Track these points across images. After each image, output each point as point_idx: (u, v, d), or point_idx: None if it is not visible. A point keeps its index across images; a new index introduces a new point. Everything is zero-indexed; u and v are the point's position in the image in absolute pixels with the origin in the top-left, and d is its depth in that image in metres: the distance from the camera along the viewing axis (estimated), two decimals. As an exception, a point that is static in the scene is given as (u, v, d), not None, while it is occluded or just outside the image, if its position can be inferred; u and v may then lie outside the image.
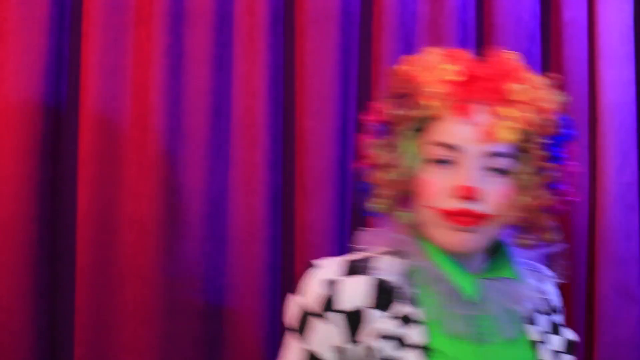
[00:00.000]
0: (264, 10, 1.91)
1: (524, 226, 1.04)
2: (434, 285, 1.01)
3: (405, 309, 0.99)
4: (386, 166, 1.04)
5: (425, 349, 0.97)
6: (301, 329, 1.01)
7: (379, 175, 1.05)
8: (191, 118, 1.94)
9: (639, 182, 2.00)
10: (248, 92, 1.93)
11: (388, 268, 1.01)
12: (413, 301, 1.00)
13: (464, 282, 1.01)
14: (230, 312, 2.02)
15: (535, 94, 1.00)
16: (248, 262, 2.01)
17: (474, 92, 0.99)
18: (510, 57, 1.03)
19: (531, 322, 1.06)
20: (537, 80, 1.02)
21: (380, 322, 0.98)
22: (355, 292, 0.99)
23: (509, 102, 0.98)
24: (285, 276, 2.04)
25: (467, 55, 1.05)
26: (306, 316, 1.01)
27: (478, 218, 0.98)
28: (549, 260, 1.08)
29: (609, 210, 1.96)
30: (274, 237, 2.00)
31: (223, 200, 1.98)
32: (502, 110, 0.98)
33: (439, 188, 0.99)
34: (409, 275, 1.01)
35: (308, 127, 1.91)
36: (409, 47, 1.90)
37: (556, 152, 1.02)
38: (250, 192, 1.96)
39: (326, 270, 1.01)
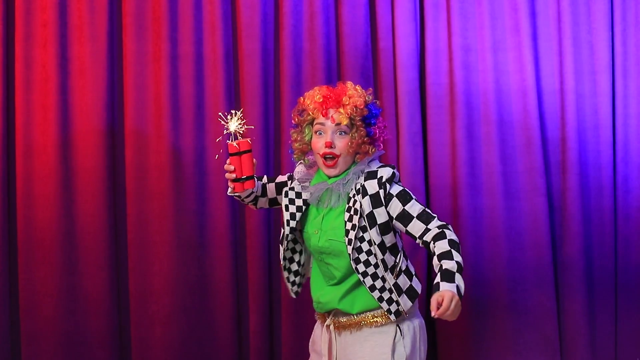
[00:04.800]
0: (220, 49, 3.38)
1: (360, 151, 2.25)
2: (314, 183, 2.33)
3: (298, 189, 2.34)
4: (298, 140, 2.33)
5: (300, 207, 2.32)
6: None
7: (295, 144, 2.34)
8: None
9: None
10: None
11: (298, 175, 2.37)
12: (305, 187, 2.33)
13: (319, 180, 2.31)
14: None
15: (354, 99, 2.23)
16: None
17: (326, 104, 2.23)
18: (346, 83, 2.29)
19: (348, 200, 2.22)
20: (356, 91, 2.26)
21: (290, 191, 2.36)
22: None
23: (342, 104, 2.22)
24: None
25: (323, 87, 2.29)
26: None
27: (335, 157, 2.23)
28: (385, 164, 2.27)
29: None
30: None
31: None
32: (338, 108, 2.22)
33: (319, 145, 2.24)
34: (311, 174, 2.35)
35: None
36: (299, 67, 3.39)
37: (369, 121, 2.26)
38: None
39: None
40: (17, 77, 3.31)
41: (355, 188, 2.21)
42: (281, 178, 2.45)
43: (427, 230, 2.14)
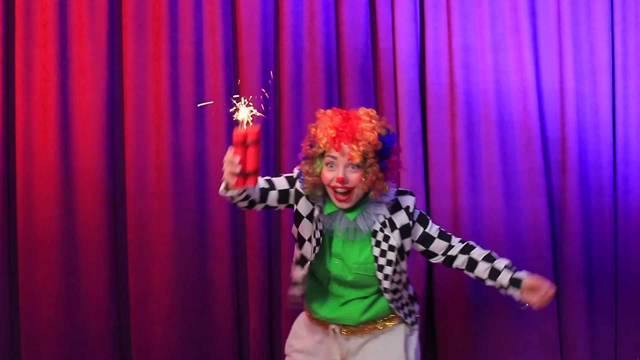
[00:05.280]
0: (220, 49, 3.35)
1: (374, 188, 2.17)
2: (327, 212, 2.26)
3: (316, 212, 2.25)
4: (310, 172, 2.20)
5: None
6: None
7: (307, 177, 2.20)
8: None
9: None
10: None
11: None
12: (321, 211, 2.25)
13: (333, 210, 2.24)
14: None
15: (367, 134, 2.11)
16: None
17: (338, 138, 2.11)
18: (360, 112, 2.17)
19: (374, 234, 2.23)
20: (370, 124, 2.13)
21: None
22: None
23: (355, 140, 2.11)
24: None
25: (336, 114, 2.17)
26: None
27: (348, 191, 2.16)
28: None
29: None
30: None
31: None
32: (352, 144, 2.11)
33: (329, 178, 2.16)
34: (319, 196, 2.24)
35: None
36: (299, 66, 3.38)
37: (383, 154, 2.15)
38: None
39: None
40: (17, 77, 3.31)
41: (380, 221, 2.24)
42: (282, 184, 2.28)
43: (450, 246, 2.33)
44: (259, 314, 3.37)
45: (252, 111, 1.96)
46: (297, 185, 2.25)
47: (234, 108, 1.96)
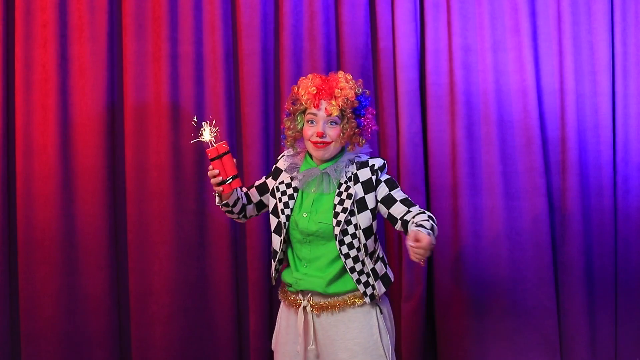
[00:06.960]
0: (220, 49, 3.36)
1: (351, 142, 2.40)
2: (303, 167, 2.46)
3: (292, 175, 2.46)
4: (291, 128, 2.43)
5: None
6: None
7: (288, 132, 2.44)
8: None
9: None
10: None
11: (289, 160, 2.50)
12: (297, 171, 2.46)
13: (308, 166, 2.45)
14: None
15: (346, 92, 2.34)
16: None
17: (319, 95, 2.34)
18: (338, 74, 2.40)
19: (339, 186, 2.37)
20: (348, 83, 2.37)
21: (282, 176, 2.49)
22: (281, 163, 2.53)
23: (334, 97, 2.34)
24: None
25: (316, 76, 2.40)
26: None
27: (326, 143, 2.36)
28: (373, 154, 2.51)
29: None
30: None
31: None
32: (331, 100, 2.34)
33: (310, 133, 2.37)
34: (297, 163, 2.47)
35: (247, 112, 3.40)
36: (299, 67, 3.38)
37: (359, 112, 2.38)
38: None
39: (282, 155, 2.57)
40: (17, 77, 3.31)
41: (347, 176, 2.38)
42: (259, 181, 2.58)
43: (408, 212, 2.34)
44: (259, 314, 3.37)
45: (212, 131, 2.35)
46: (279, 163, 2.52)
47: (199, 134, 2.35)
